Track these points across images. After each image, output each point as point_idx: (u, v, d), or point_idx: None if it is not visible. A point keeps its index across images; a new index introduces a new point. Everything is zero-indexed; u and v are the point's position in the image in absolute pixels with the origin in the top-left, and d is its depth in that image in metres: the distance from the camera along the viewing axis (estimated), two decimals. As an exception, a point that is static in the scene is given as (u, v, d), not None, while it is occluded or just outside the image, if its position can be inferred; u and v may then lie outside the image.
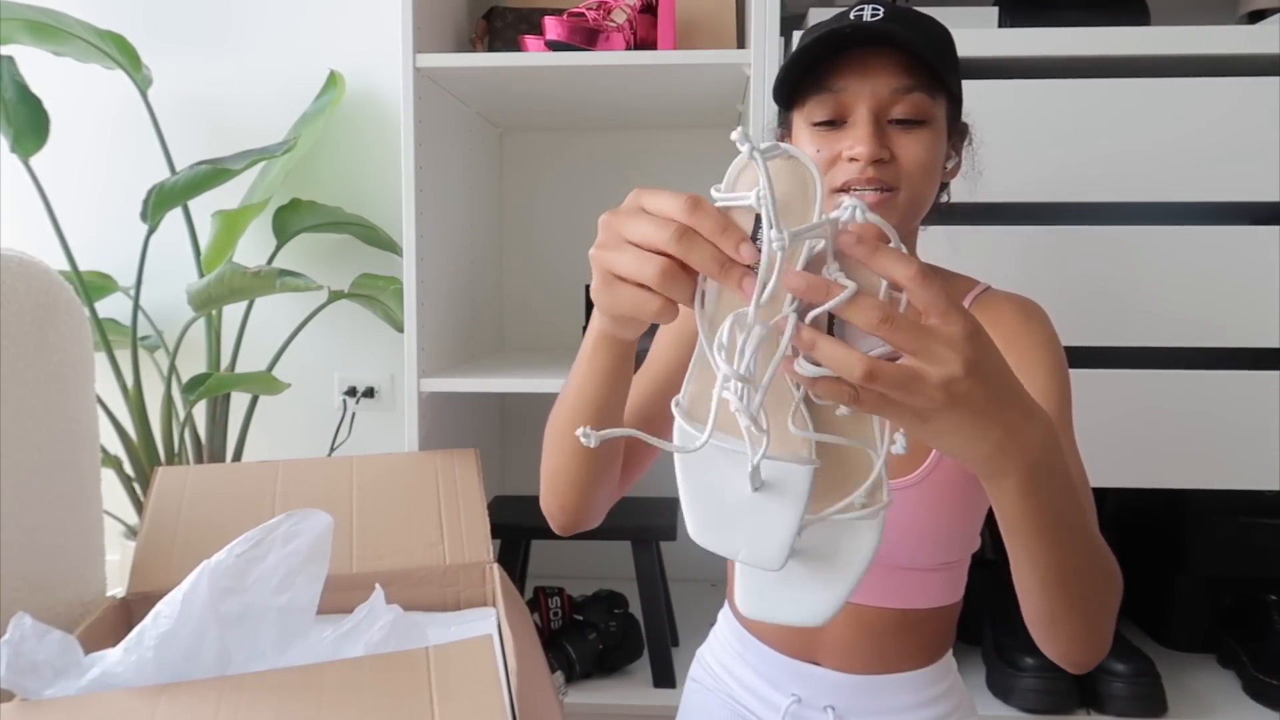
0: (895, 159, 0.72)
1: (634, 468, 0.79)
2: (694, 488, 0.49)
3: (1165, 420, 1.16)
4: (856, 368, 0.43)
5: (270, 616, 0.74)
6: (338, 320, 1.76)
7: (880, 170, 0.71)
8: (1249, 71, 1.14)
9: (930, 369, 0.44)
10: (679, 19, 1.35)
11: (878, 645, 0.82)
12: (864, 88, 0.71)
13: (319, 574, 0.77)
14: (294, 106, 1.72)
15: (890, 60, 0.71)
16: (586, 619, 1.33)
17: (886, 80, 0.71)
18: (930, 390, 0.44)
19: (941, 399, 0.45)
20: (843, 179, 0.72)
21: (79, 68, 1.61)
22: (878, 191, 0.71)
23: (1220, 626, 1.37)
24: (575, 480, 0.72)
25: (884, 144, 0.71)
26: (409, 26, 1.22)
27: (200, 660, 0.71)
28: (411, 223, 1.24)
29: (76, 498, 0.95)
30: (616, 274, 0.49)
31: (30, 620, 0.69)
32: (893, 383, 0.44)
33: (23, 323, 0.89)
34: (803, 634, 0.84)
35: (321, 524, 0.78)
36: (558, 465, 0.72)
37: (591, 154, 1.71)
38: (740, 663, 0.89)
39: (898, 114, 0.72)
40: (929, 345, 0.44)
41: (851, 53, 0.72)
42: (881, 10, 0.71)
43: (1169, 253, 1.16)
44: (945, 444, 0.48)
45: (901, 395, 0.44)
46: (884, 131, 0.72)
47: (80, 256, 1.61)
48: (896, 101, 0.71)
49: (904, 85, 0.71)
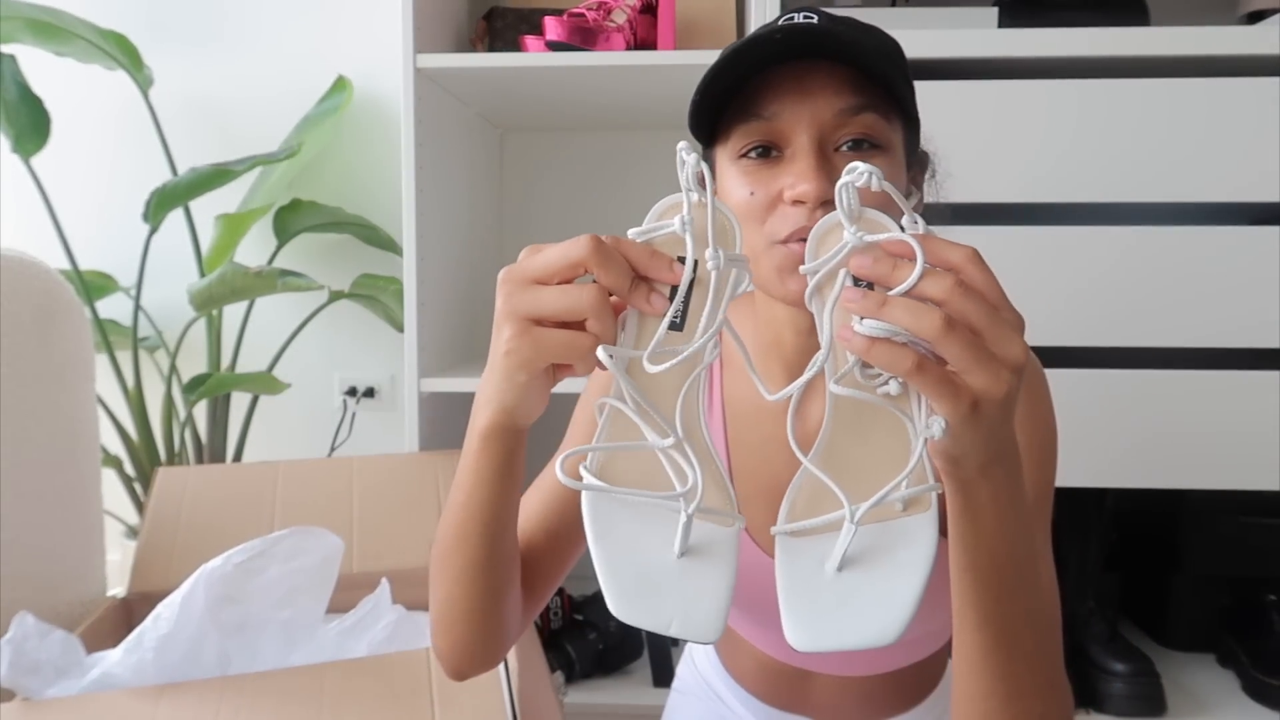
0: None
1: (542, 586, 0.66)
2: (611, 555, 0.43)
3: (1165, 420, 1.16)
4: (936, 320, 0.39)
5: (272, 627, 0.74)
6: (338, 320, 1.76)
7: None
8: (1249, 71, 1.14)
9: (1003, 349, 0.41)
10: (679, 19, 1.35)
11: (867, 701, 0.78)
12: (802, 111, 0.56)
13: (324, 595, 0.77)
14: (295, 107, 1.72)
15: (833, 76, 0.57)
16: (586, 619, 1.33)
17: (829, 100, 0.56)
18: (999, 370, 0.40)
19: (1006, 382, 0.41)
20: (787, 229, 0.56)
21: (80, 68, 1.61)
22: None
23: (1220, 626, 1.37)
24: (470, 609, 0.58)
25: (832, 180, 0.52)
26: (409, 27, 1.22)
27: (200, 662, 0.71)
28: (411, 223, 1.24)
29: (77, 497, 0.95)
30: (539, 316, 0.45)
31: (33, 619, 0.69)
32: (966, 349, 0.40)
33: (23, 323, 0.89)
34: (791, 697, 0.80)
35: (330, 546, 0.77)
36: (446, 595, 0.59)
37: (591, 154, 1.71)
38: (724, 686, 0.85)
39: (844, 137, 0.57)
40: (999, 325, 0.41)
41: (784, 69, 0.57)
42: (816, 17, 0.58)
43: (1169, 253, 1.16)
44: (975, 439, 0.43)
45: (973, 368, 0.40)
46: (830, 164, 0.56)
47: (81, 256, 1.61)
48: (843, 125, 0.57)
49: (851, 105, 0.56)
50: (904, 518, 0.44)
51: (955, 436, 0.42)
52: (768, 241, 0.57)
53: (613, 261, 0.44)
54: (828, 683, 0.78)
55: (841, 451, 0.46)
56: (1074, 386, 1.16)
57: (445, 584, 0.59)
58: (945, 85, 1.15)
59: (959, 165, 1.17)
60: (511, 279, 0.46)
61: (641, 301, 0.44)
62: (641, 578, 0.42)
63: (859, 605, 0.42)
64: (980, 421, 0.41)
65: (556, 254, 0.44)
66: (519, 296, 0.45)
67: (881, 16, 1.24)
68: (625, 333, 0.46)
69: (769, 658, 0.79)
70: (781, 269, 0.57)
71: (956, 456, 0.44)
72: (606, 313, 0.44)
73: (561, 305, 0.44)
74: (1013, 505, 0.47)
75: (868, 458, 0.45)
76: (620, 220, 1.71)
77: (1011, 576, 0.49)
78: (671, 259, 0.44)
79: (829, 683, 0.78)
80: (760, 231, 0.58)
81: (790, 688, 0.79)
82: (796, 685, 0.79)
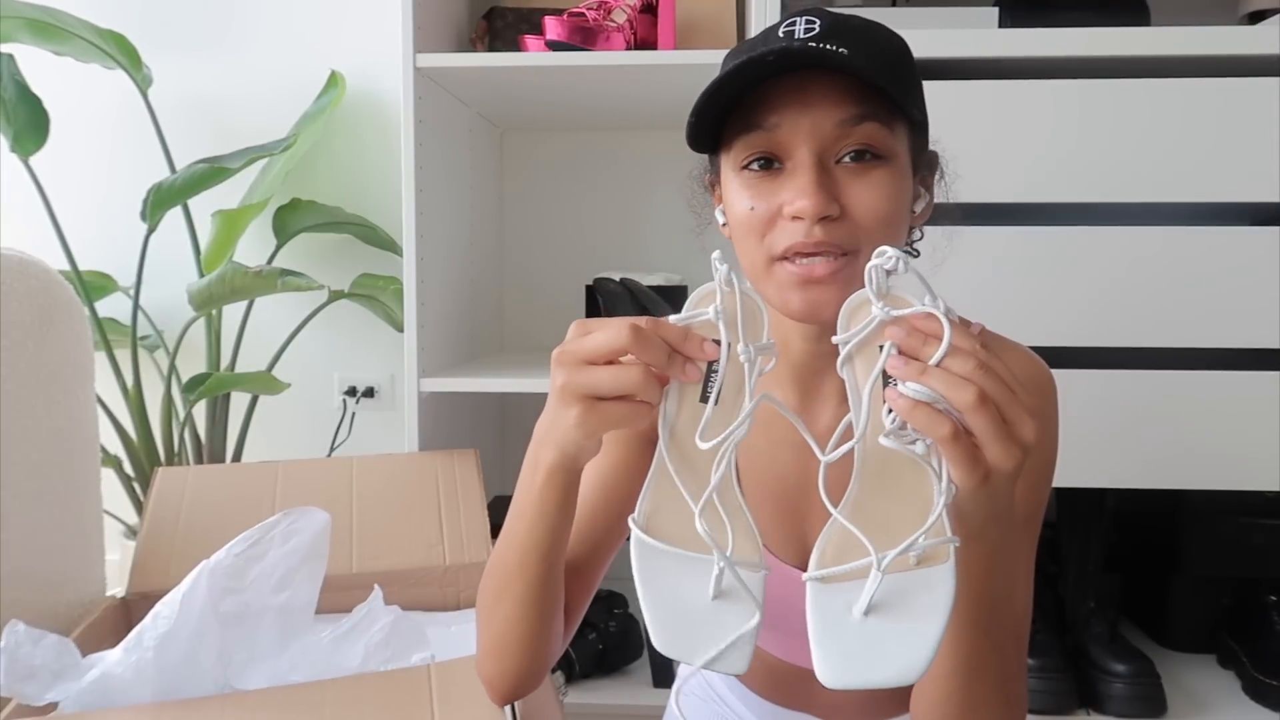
0: (847, 213, 0.57)
1: (574, 612, 0.70)
2: (657, 599, 0.49)
3: (1165, 420, 1.16)
4: (969, 391, 0.44)
5: (269, 615, 0.74)
6: (338, 320, 1.76)
7: (830, 231, 0.57)
8: (1249, 71, 1.14)
9: (1019, 429, 0.45)
10: (679, 19, 1.35)
11: (870, 699, 0.78)
12: (802, 123, 0.57)
13: (318, 572, 0.77)
14: (294, 106, 1.71)
15: (833, 85, 0.57)
16: (586, 619, 1.33)
17: (830, 111, 0.56)
18: (1012, 450, 0.45)
19: (1015, 459, 0.45)
20: (784, 244, 0.57)
21: (79, 67, 1.61)
22: (829, 259, 0.57)
23: (1220, 627, 1.37)
24: (524, 635, 0.62)
25: (832, 195, 0.56)
26: (409, 26, 1.22)
27: (199, 661, 0.71)
28: (411, 223, 1.24)
29: (76, 497, 0.95)
30: (598, 395, 0.50)
31: (24, 626, 0.69)
32: (990, 425, 0.44)
33: (23, 323, 0.89)
34: (794, 696, 0.80)
35: (319, 522, 0.78)
36: (504, 621, 0.62)
37: (591, 154, 1.71)
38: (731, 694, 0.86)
39: (845, 148, 0.57)
40: (1018, 408, 0.46)
41: (785, 79, 0.57)
42: (818, 23, 0.57)
43: (1169, 253, 1.15)
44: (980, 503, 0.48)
45: (992, 443, 0.45)
46: (831, 178, 0.57)
47: (80, 256, 1.61)
48: (844, 136, 0.57)
49: (852, 115, 0.56)
50: (924, 568, 0.49)
51: (963, 500, 0.47)
52: (767, 256, 0.59)
53: (650, 344, 0.49)
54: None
55: (867, 504, 0.50)
56: (1074, 386, 1.16)
57: (502, 611, 0.62)
58: (945, 85, 1.15)
59: (959, 166, 1.17)
60: (565, 361, 0.51)
61: (678, 373, 0.50)
62: (681, 617, 0.49)
63: (885, 648, 0.46)
64: (988, 490, 0.46)
65: (603, 340, 0.50)
66: (578, 377, 0.51)
67: (881, 17, 1.23)
68: (669, 399, 0.52)
69: (774, 658, 0.79)
70: (783, 288, 0.59)
71: (961, 516, 0.48)
72: (653, 386, 0.50)
73: (615, 385, 0.50)
74: (1001, 558, 0.52)
75: (891, 510, 0.50)
76: (620, 220, 1.71)
77: (986, 618, 0.54)
78: (703, 339, 0.50)
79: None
80: (760, 246, 0.59)
81: (793, 687, 0.80)
82: (800, 685, 0.79)
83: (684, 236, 1.72)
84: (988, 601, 0.53)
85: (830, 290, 0.57)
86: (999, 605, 0.54)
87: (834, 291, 0.57)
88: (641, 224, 1.72)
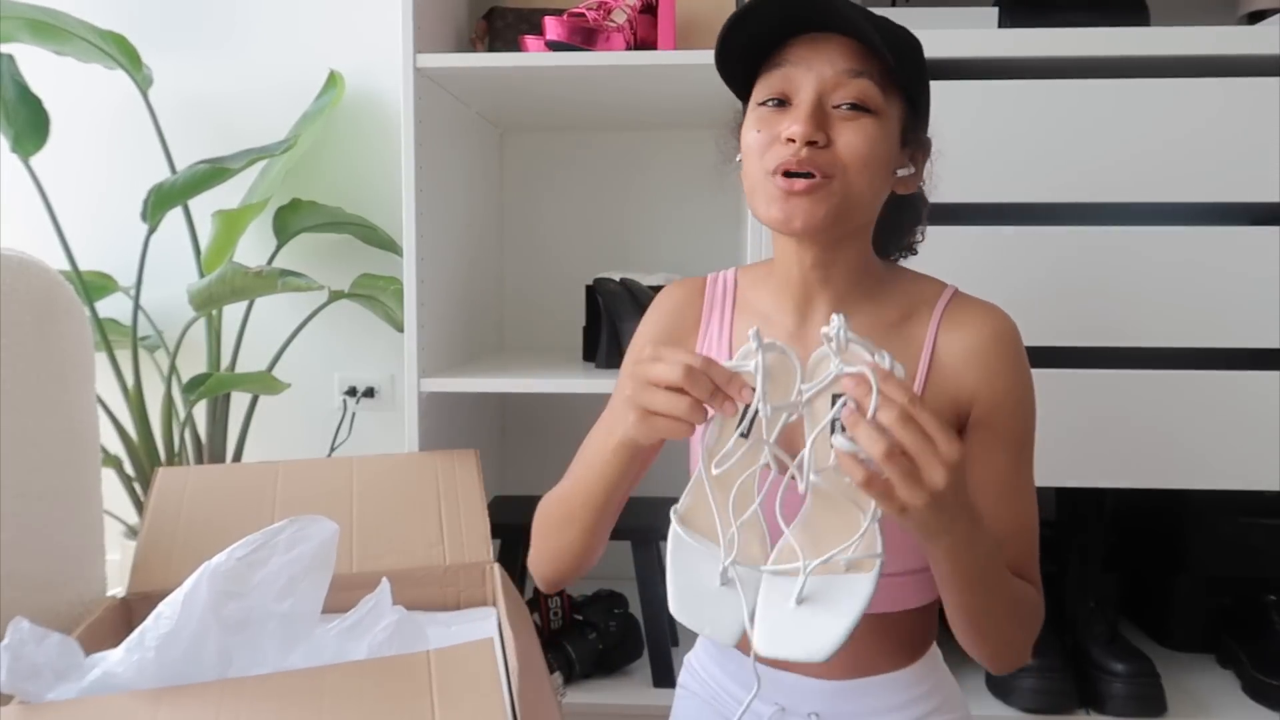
0: (833, 145, 0.69)
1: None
2: (678, 576, 0.65)
3: (1165, 420, 1.16)
4: (880, 445, 0.56)
5: (273, 623, 0.74)
6: (338, 320, 1.76)
7: (814, 154, 0.68)
8: (1249, 71, 1.14)
9: (926, 476, 0.57)
10: (679, 19, 1.35)
11: (854, 650, 0.78)
12: (813, 61, 0.69)
13: (322, 582, 0.77)
14: (294, 106, 1.72)
15: (843, 43, 0.69)
16: (586, 619, 1.33)
17: (834, 61, 0.69)
18: (919, 493, 0.57)
19: (924, 501, 0.57)
20: (775, 161, 0.69)
21: (79, 67, 1.61)
22: (809, 177, 0.69)
23: (1220, 626, 1.37)
24: (580, 555, 0.80)
25: (823, 128, 0.69)
26: (409, 26, 1.22)
27: (201, 662, 0.71)
28: (411, 223, 1.24)
29: (77, 497, 0.95)
30: (654, 411, 0.64)
31: (28, 624, 0.69)
32: (898, 473, 0.56)
33: (23, 323, 0.89)
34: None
35: (326, 531, 0.77)
36: (564, 546, 0.81)
37: (591, 154, 1.71)
38: (722, 671, 0.88)
39: (841, 98, 0.69)
40: (930, 457, 0.57)
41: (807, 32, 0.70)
42: None
43: (1169, 253, 1.16)
44: (913, 530, 0.61)
45: (900, 486, 0.57)
46: (826, 117, 0.69)
47: (80, 256, 1.61)
48: (842, 85, 0.69)
49: (851, 69, 0.69)
50: (852, 574, 0.61)
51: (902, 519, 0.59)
52: (763, 171, 0.71)
53: (699, 383, 0.62)
54: None
55: (815, 521, 0.65)
56: (1074, 386, 1.16)
57: (567, 536, 0.80)
58: (945, 85, 1.15)
59: (959, 165, 1.17)
60: (638, 379, 0.65)
61: (717, 406, 0.62)
62: (693, 593, 0.64)
63: (804, 631, 0.60)
64: (910, 518, 0.59)
65: (664, 371, 0.63)
66: (643, 395, 0.64)
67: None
68: (713, 424, 0.66)
69: None
70: (770, 200, 0.71)
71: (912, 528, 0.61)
72: (699, 413, 0.63)
73: (669, 408, 0.63)
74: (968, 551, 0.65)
75: (831, 526, 0.63)
76: (620, 220, 1.71)
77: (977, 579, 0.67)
78: (744, 385, 0.62)
79: None
80: (759, 163, 0.72)
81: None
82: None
83: (684, 236, 1.72)
84: (976, 570, 0.66)
85: (805, 203, 0.70)
86: (987, 567, 0.67)
87: (808, 204, 0.70)
88: (641, 224, 1.72)
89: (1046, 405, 0.94)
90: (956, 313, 0.79)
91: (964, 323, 0.78)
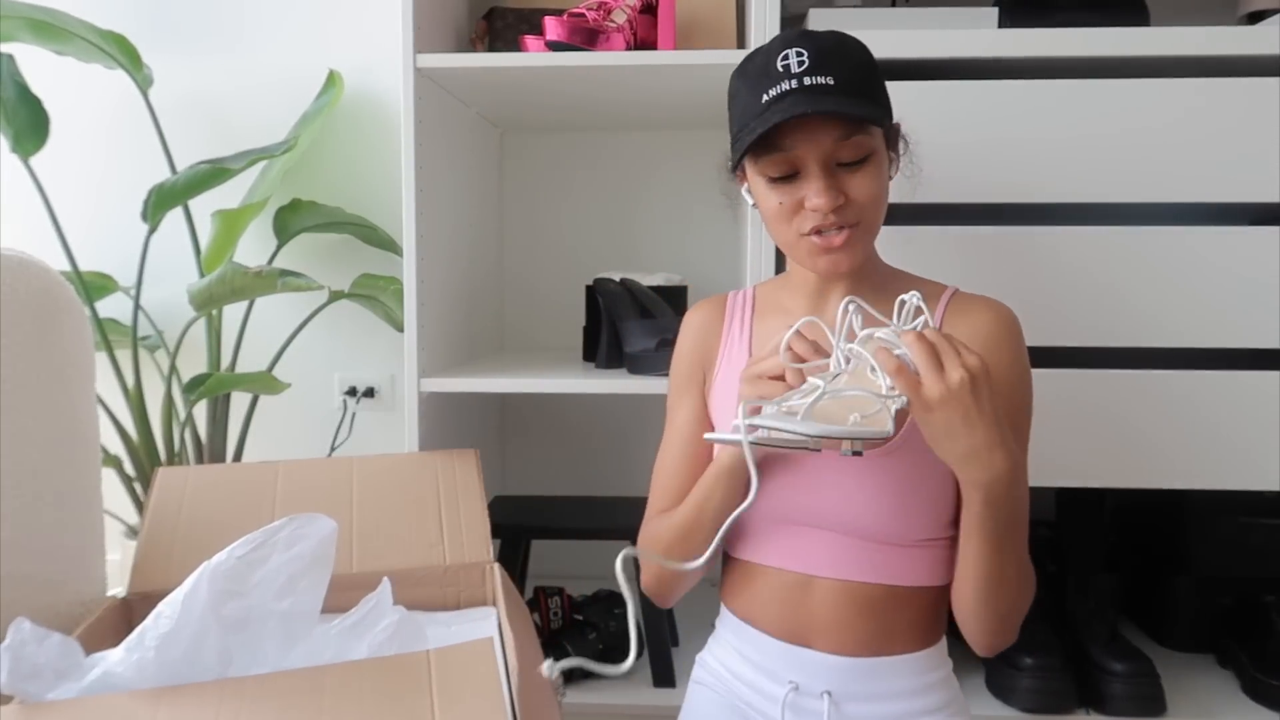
0: (849, 199, 0.81)
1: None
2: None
3: (1165, 420, 1.16)
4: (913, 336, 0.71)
5: (273, 622, 0.74)
6: (338, 320, 1.76)
7: (840, 213, 0.81)
8: (1249, 71, 1.14)
9: (947, 370, 0.69)
10: (679, 19, 1.35)
11: (868, 624, 0.85)
12: (810, 143, 0.80)
13: (322, 580, 0.77)
14: (294, 106, 1.72)
15: (827, 118, 0.79)
16: (586, 619, 1.33)
17: (828, 132, 0.79)
18: (938, 385, 0.68)
19: (940, 392, 0.68)
20: (810, 224, 0.82)
21: (79, 67, 1.61)
22: (842, 230, 0.82)
23: (1220, 626, 1.37)
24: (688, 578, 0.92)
25: (838, 189, 0.80)
26: (409, 26, 1.22)
27: (201, 661, 0.71)
28: (411, 223, 1.24)
29: (77, 497, 0.95)
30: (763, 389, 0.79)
31: (29, 624, 0.69)
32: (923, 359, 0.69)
33: (23, 323, 0.89)
34: (796, 617, 0.87)
35: (325, 529, 0.78)
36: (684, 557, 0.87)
37: (591, 154, 1.71)
38: (738, 658, 0.91)
39: (844, 158, 0.81)
40: (953, 356, 0.69)
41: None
42: (806, 55, 0.78)
43: (1169, 253, 1.16)
44: (931, 433, 0.71)
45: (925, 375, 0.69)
46: (834, 177, 0.81)
47: (80, 256, 1.61)
48: (840, 149, 0.80)
49: (844, 133, 0.79)
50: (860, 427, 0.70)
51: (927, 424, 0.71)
52: (796, 234, 0.84)
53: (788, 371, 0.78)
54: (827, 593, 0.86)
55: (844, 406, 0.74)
56: (1074, 386, 1.16)
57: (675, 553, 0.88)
58: (945, 85, 1.15)
59: (959, 165, 1.17)
60: (750, 377, 0.81)
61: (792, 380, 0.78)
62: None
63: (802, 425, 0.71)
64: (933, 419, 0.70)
65: (772, 364, 0.79)
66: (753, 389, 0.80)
67: (882, 17, 1.24)
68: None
69: (776, 572, 0.89)
70: (811, 254, 0.84)
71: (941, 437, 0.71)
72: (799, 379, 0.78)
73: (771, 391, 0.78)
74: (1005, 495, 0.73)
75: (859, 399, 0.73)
76: (620, 220, 1.71)
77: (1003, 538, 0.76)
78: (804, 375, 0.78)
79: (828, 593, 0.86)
80: (789, 227, 0.84)
81: (795, 607, 0.88)
82: (800, 602, 0.87)
83: (684, 236, 1.72)
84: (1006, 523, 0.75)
85: (844, 253, 0.83)
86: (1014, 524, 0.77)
87: (846, 253, 0.83)
88: (641, 224, 1.72)
89: (1046, 405, 0.94)
90: (959, 305, 0.89)
91: (966, 311, 0.88)
